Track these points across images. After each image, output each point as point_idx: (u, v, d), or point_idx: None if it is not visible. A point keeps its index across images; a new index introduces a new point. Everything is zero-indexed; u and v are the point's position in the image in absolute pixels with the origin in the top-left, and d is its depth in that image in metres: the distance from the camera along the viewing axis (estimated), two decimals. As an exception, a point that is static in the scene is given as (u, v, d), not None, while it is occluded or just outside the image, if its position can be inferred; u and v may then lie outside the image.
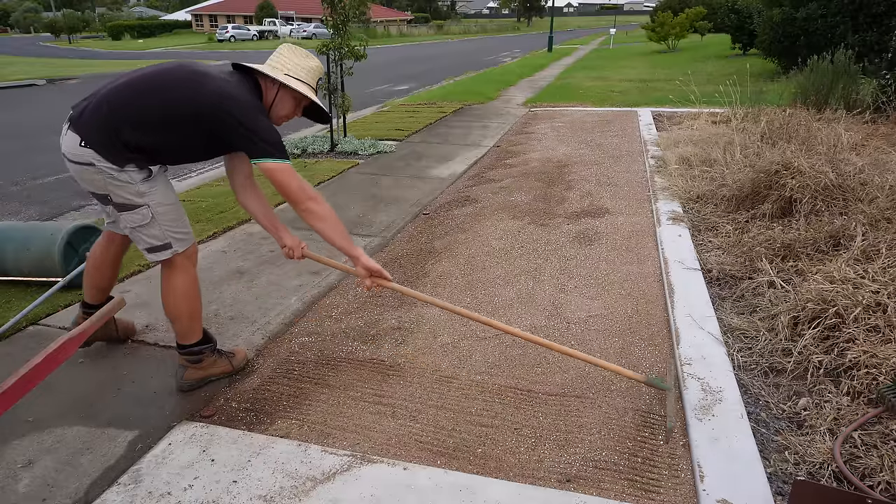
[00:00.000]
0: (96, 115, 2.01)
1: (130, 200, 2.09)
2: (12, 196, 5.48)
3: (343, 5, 6.42)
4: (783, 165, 3.94)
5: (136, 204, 2.10)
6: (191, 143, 2.12)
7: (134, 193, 2.08)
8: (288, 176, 2.06)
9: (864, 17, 9.73)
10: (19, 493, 1.83)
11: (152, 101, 2.03)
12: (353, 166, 6.16)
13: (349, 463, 1.96)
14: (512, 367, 2.51)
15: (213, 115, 2.02)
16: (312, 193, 2.14)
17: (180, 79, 2.06)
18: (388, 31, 54.38)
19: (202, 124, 2.04)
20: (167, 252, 2.19)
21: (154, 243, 2.17)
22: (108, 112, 2.00)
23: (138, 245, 2.20)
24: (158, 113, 2.03)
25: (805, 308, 2.59)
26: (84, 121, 2.02)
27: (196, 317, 2.32)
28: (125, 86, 2.05)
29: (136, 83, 2.06)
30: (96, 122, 2.00)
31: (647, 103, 9.81)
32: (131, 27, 55.74)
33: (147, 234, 2.15)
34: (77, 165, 2.05)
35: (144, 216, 2.12)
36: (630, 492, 1.84)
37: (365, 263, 2.28)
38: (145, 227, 2.13)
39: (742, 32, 17.15)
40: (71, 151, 2.04)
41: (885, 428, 2.00)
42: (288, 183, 2.07)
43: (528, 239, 3.97)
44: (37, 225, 3.34)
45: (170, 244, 2.19)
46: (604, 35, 45.03)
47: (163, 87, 2.05)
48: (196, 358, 2.35)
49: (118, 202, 2.10)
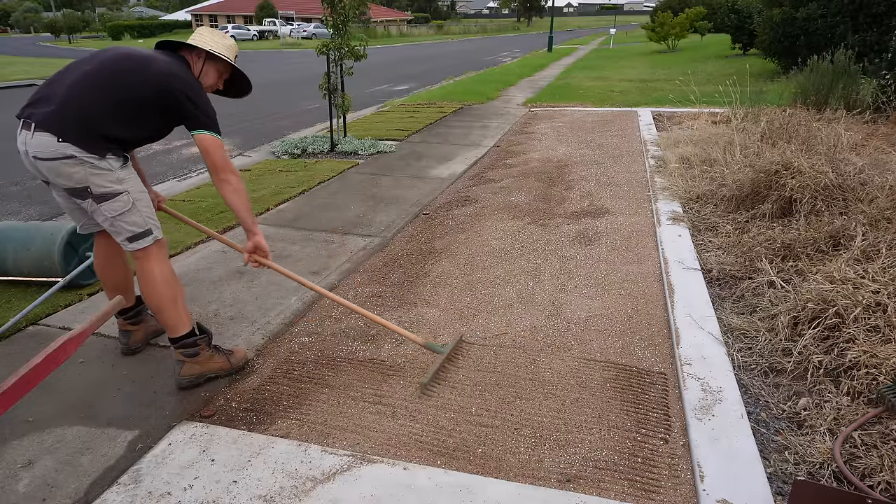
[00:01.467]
0: (70, 113, 2.05)
1: (111, 188, 2.14)
2: (12, 196, 5.48)
3: (343, 5, 6.42)
4: (783, 165, 3.94)
5: (117, 191, 2.15)
6: (152, 124, 2.23)
7: (114, 181, 2.14)
8: (219, 149, 2.25)
9: (864, 17, 9.73)
10: (19, 493, 1.83)
11: (120, 93, 2.12)
12: (353, 166, 6.16)
13: (349, 463, 1.96)
14: (512, 367, 2.51)
15: (167, 94, 2.15)
16: (233, 168, 2.31)
17: (130, 66, 2.16)
18: (388, 31, 54.37)
19: (158, 103, 2.17)
20: (148, 238, 2.25)
21: (135, 230, 2.21)
22: (81, 110, 2.06)
23: (118, 237, 2.23)
24: (128, 102, 2.13)
25: (805, 308, 2.59)
26: (55, 120, 2.04)
27: (179, 301, 2.35)
28: (87, 83, 2.10)
29: (96, 78, 2.11)
30: (72, 119, 2.05)
31: (647, 103, 9.81)
32: (131, 27, 55.71)
33: (128, 221, 2.19)
34: (53, 162, 2.06)
35: (125, 203, 2.17)
36: (630, 492, 1.84)
37: (258, 241, 2.40)
38: (126, 214, 2.18)
39: (742, 32, 17.14)
40: (46, 150, 2.05)
41: (885, 428, 2.00)
42: (219, 155, 2.24)
43: (528, 239, 3.97)
44: (37, 225, 3.34)
45: (150, 230, 2.25)
46: (604, 35, 45.03)
47: (120, 77, 2.13)
48: (192, 351, 2.35)
49: (99, 192, 2.13)
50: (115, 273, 2.49)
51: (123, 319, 2.55)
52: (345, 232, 4.16)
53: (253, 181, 5.52)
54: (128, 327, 2.56)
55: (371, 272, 3.53)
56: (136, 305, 2.59)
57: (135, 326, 2.58)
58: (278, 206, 4.76)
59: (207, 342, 2.42)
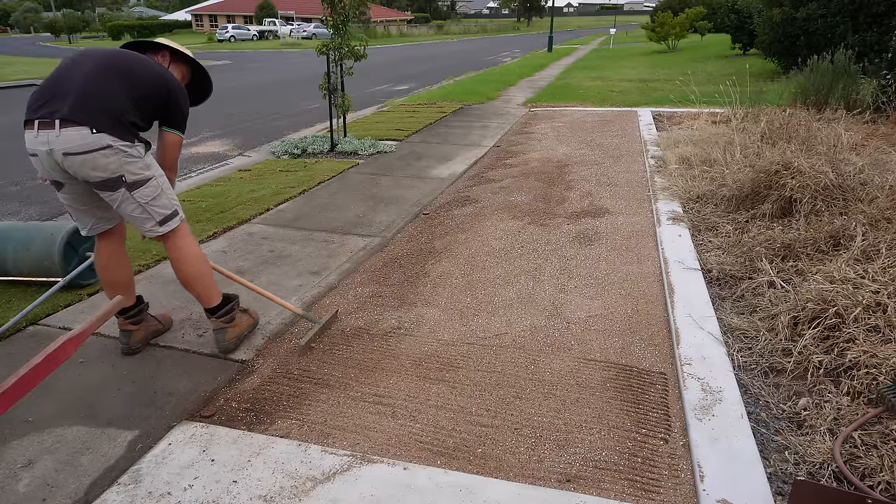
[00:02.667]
0: (97, 103, 2.11)
1: (142, 175, 2.23)
2: (12, 196, 5.48)
3: (343, 5, 6.42)
4: (783, 165, 3.94)
5: (147, 177, 2.25)
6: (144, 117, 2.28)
7: (143, 167, 2.24)
8: (179, 148, 2.46)
9: (864, 17, 9.73)
10: (19, 493, 1.83)
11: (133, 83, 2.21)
12: (353, 166, 6.16)
13: (349, 463, 1.96)
14: (512, 367, 2.51)
15: (166, 91, 2.29)
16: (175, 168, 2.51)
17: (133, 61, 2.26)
18: (388, 31, 54.37)
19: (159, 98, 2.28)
20: (177, 219, 2.38)
21: (165, 213, 2.33)
22: (110, 100, 2.13)
23: (147, 223, 2.30)
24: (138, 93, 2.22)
25: (805, 308, 2.59)
26: (84, 112, 2.08)
27: (211, 275, 2.52)
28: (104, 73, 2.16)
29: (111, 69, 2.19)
30: (101, 108, 2.11)
31: (647, 103, 9.81)
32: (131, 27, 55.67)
33: (159, 204, 2.30)
34: (88, 154, 2.10)
35: (156, 187, 2.28)
36: (630, 492, 1.84)
37: None
38: (157, 198, 2.29)
39: (742, 32, 17.14)
40: (80, 143, 2.08)
41: (885, 428, 2.00)
42: (176, 154, 2.46)
43: (528, 239, 3.97)
44: (37, 225, 3.34)
45: (176, 211, 2.38)
46: (604, 35, 45.03)
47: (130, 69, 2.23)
48: (230, 317, 2.57)
49: (132, 180, 2.21)
50: (117, 273, 2.51)
51: (124, 319, 2.55)
52: (345, 232, 4.16)
53: (253, 181, 5.52)
54: (128, 327, 2.57)
55: (371, 272, 3.53)
56: (137, 305, 2.59)
57: (135, 326, 2.58)
58: (278, 206, 4.75)
59: (237, 305, 2.65)
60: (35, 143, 2.12)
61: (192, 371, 2.47)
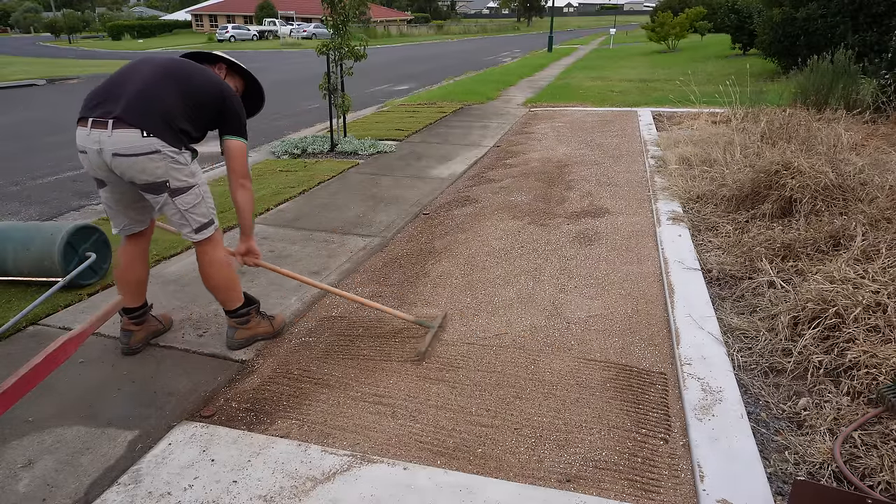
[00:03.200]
0: (151, 107, 2.16)
1: (186, 182, 2.28)
2: (12, 196, 5.48)
3: (343, 5, 6.42)
4: (783, 165, 3.94)
5: (190, 184, 2.30)
6: (199, 126, 2.34)
7: (188, 175, 2.28)
8: (245, 155, 2.45)
9: (864, 17, 9.73)
10: (19, 493, 1.83)
11: (189, 91, 2.26)
12: (353, 166, 6.16)
13: (349, 463, 1.96)
14: (512, 367, 2.51)
15: (222, 100, 2.33)
16: (250, 175, 2.52)
17: (191, 69, 2.32)
18: (388, 31, 54.37)
19: (214, 107, 2.33)
20: (211, 228, 2.42)
21: (202, 221, 2.38)
22: (164, 105, 2.18)
23: (184, 228, 2.36)
24: (193, 102, 2.27)
25: (805, 308, 2.59)
26: (137, 115, 2.14)
27: (236, 282, 2.58)
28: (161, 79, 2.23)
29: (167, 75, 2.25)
30: (154, 113, 2.16)
31: (647, 103, 9.81)
32: (131, 27, 55.72)
33: (197, 213, 2.35)
34: (137, 157, 2.14)
35: (197, 195, 2.34)
36: (630, 492, 1.84)
37: (250, 244, 2.59)
38: (197, 206, 2.34)
39: (742, 32, 17.14)
40: (130, 146, 2.13)
41: (885, 428, 2.00)
42: (244, 160, 2.44)
43: (528, 239, 3.97)
44: (37, 225, 3.34)
45: (212, 220, 2.44)
46: (604, 35, 45.02)
47: (187, 76, 2.29)
48: (244, 319, 2.61)
49: (176, 186, 2.25)
50: (136, 273, 2.55)
51: (128, 319, 2.57)
52: (345, 232, 4.16)
53: (253, 181, 5.47)
54: (131, 327, 2.58)
55: (371, 272, 3.53)
56: (143, 306, 2.61)
57: (137, 327, 2.59)
58: (278, 206, 4.76)
59: (256, 310, 2.68)
60: (86, 141, 2.17)
61: (192, 371, 2.47)
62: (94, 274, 3.31)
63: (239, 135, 2.40)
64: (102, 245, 3.40)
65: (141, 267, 2.56)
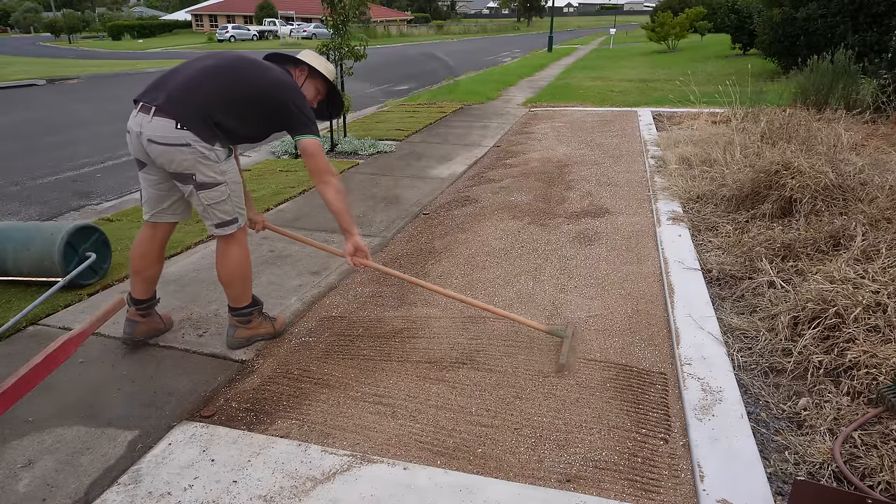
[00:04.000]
0: (189, 99, 2.21)
1: (213, 178, 2.30)
2: (12, 196, 5.47)
3: (343, 5, 6.42)
4: (783, 165, 3.94)
5: (218, 182, 2.31)
6: (254, 125, 2.39)
7: (217, 172, 2.30)
8: (321, 152, 2.41)
9: (864, 17, 9.73)
10: (19, 493, 1.83)
11: (237, 88, 2.30)
12: (353, 166, 6.16)
13: (349, 463, 1.96)
14: (512, 367, 2.51)
15: (278, 101, 2.33)
16: (334, 171, 2.45)
17: (251, 67, 2.36)
18: (388, 31, 54.37)
19: (267, 107, 2.34)
20: (234, 226, 2.43)
21: (225, 218, 2.40)
22: (201, 99, 2.22)
23: (206, 221, 2.41)
24: (241, 98, 2.30)
25: (805, 308, 2.59)
26: (175, 106, 2.19)
27: (249, 281, 2.59)
28: (208, 74, 2.28)
29: (217, 70, 2.30)
30: (191, 105, 2.21)
31: (647, 103, 9.81)
32: (131, 27, 55.71)
33: (220, 210, 2.37)
34: (166, 147, 2.20)
35: (222, 193, 2.34)
36: (630, 492, 1.84)
37: (356, 241, 2.54)
38: (220, 203, 2.35)
39: (742, 32, 17.14)
40: (163, 135, 2.19)
41: (885, 428, 2.00)
42: (322, 157, 2.40)
43: (528, 239, 3.97)
44: (37, 225, 3.34)
45: (236, 219, 2.44)
46: (604, 35, 45.03)
47: (240, 73, 2.34)
48: (246, 318, 2.63)
49: (202, 181, 2.28)
50: (149, 263, 2.57)
51: (135, 309, 2.59)
52: (345, 232, 4.16)
53: (253, 181, 5.52)
54: (137, 318, 2.61)
55: (371, 272, 3.53)
56: (152, 298, 2.64)
57: (143, 319, 2.62)
58: (278, 206, 4.76)
59: (259, 311, 2.69)
60: (132, 123, 2.26)
61: (192, 371, 2.47)
62: (94, 274, 3.31)
63: (309, 132, 2.36)
64: (102, 245, 3.40)
65: (154, 259, 2.57)
